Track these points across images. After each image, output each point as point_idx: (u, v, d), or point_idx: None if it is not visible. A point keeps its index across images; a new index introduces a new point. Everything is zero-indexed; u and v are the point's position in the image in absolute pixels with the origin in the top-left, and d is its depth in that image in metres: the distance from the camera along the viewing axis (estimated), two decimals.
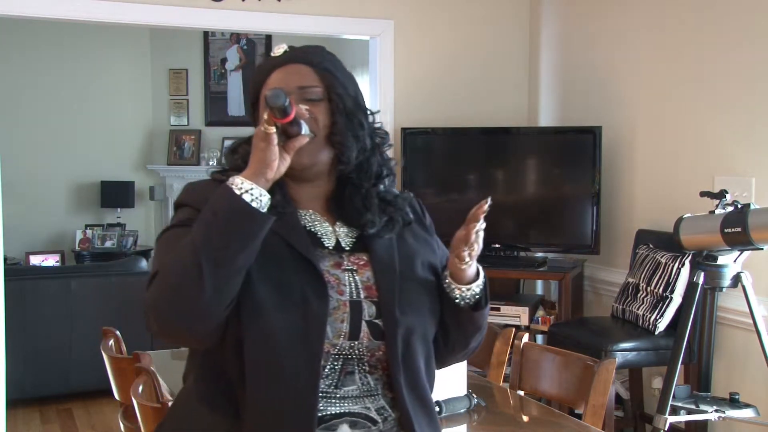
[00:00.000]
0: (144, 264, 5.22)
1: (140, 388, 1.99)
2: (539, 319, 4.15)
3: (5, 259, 4.49)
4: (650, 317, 3.53)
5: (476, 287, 1.49)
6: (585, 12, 4.45)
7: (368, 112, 1.52)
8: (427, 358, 1.49)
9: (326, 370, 1.39)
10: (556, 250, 4.34)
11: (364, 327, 1.41)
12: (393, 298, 1.43)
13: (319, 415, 1.37)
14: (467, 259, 1.44)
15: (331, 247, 1.47)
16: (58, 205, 7.88)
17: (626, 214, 4.15)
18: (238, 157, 1.46)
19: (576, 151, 4.23)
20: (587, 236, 4.13)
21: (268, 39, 7.90)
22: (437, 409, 2.11)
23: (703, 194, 2.97)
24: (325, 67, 1.48)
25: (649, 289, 3.60)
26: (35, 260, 7.04)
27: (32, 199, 7.52)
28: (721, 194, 2.87)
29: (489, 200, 1.42)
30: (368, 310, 1.42)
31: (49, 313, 4.75)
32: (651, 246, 3.73)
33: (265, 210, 1.33)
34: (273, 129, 1.31)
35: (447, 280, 1.49)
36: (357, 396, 1.41)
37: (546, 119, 4.73)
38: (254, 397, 1.34)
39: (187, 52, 8.03)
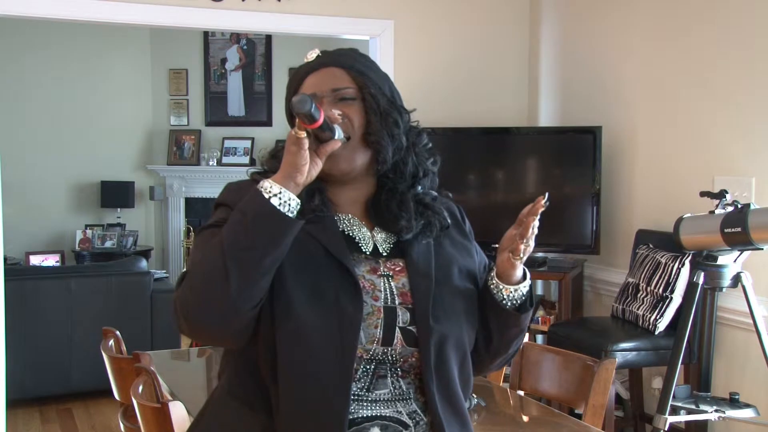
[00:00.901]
0: (144, 264, 5.22)
1: (140, 388, 1.99)
2: (539, 319, 4.15)
3: (5, 259, 4.49)
4: (650, 317, 3.53)
5: (523, 288, 1.48)
6: (585, 12, 4.45)
7: (404, 111, 1.52)
8: (462, 366, 1.47)
9: (358, 373, 1.38)
10: (556, 250, 4.34)
11: (397, 333, 1.40)
12: (427, 305, 1.42)
13: (351, 417, 1.37)
14: (522, 254, 1.44)
15: (368, 252, 1.47)
16: (58, 205, 7.88)
17: (626, 214, 4.15)
18: (278, 162, 1.44)
19: (576, 151, 4.23)
20: (587, 236, 4.13)
21: (268, 39, 7.90)
22: None
23: (703, 194, 2.97)
24: (358, 68, 1.48)
25: (649, 289, 3.60)
26: (35, 260, 7.04)
27: (32, 199, 7.53)
28: (721, 194, 2.87)
29: (547, 195, 1.41)
30: (402, 316, 1.41)
31: (49, 313, 4.75)
32: (651, 246, 3.73)
33: (294, 214, 1.32)
34: (304, 133, 1.30)
35: (494, 281, 1.49)
36: (389, 399, 1.40)
37: (546, 119, 4.73)
38: (286, 397, 1.35)
39: (187, 52, 8.04)
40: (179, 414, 1.79)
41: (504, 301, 1.48)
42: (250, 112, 8.07)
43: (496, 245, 1.49)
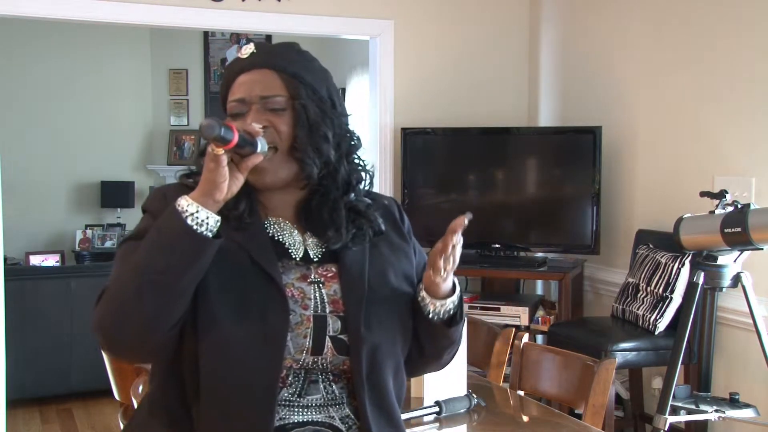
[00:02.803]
0: None
1: (140, 388, 1.99)
2: (539, 319, 4.15)
3: (5, 259, 4.48)
4: (650, 317, 3.53)
5: (451, 303, 1.43)
6: (585, 12, 4.45)
7: (337, 117, 1.45)
8: (396, 373, 1.45)
9: (289, 379, 1.36)
10: (556, 250, 4.34)
11: (328, 342, 1.37)
12: (359, 313, 1.38)
13: (282, 423, 1.34)
14: (442, 272, 1.38)
15: (298, 258, 1.42)
16: (58, 205, 7.88)
17: (626, 214, 4.15)
18: None
19: (576, 151, 4.23)
20: (587, 236, 4.13)
21: (268, 39, 7.90)
22: (437, 409, 2.12)
23: (703, 194, 2.97)
24: (292, 71, 1.41)
25: (649, 289, 3.60)
26: (35, 260, 7.03)
27: (32, 199, 7.52)
28: (721, 194, 2.87)
29: (469, 215, 1.34)
30: (333, 325, 1.38)
31: (49, 314, 4.75)
32: (651, 246, 3.73)
33: (213, 232, 1.27)
34: (221, 150, 1.24)
35: (421, 294, 1.44)
36: (321, 405, 1.38)
37: (546, 119, 4.73)
38: (209, 413, 1.31)
39: (187, 52, 8.04)
40: None
41: (431, 315, 1.43)
42: None
43: (496, 245, 1.48)
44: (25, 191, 7.26)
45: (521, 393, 2.49)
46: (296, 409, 1.36)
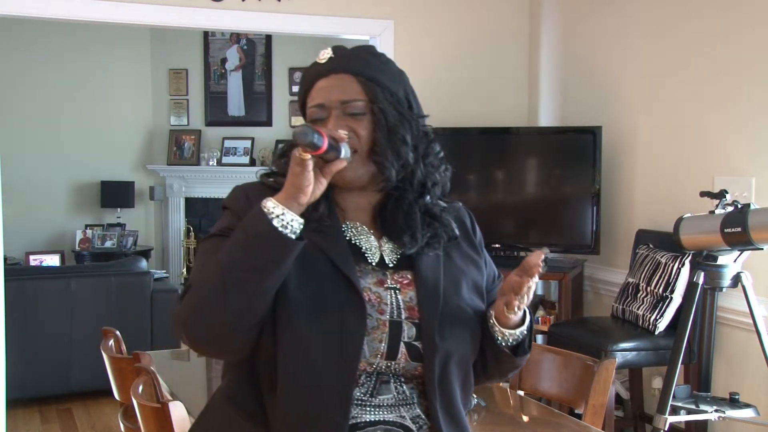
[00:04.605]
0: (144, 264, 5.22)
1: (140, 388, 1.99)
2: (539, 319, 4.15)
3: (5, 259, 4.49)
4: (650, 317, 3.53)
5: (519, 333, 1.45)
6: (585, 12, 4.45)
7: (414, 120, 1.47)
8: (464, 382, 1.47)
9: (361, 379, 1.38)
10: (556, 250, 4.33)
11: (402, 348, 1.38)
12: (434, 321, 1.40)
13: (354, 422, 1.36)
14: (517, 310, 1.41)
15: (374, 264, 1.44)
16: (58, 205, 7.88)
17: (626, 214, 4.15)
18: (286, 162, 1.41)
19: (576, 151, 4.23)
20: (587, 236, 4.13)
21: (268, 39, 7.90)
22: None
23: (703, 194, 2.97)
24: (370, 75, 1.43)
25: (649, 289, 3.59)
26: (35, 260, 7.04)
27: (32, 199, 7.53)
28: (721, 194, 2.87)
29: (546, 250, 1.35)
30: (408, 331, 1.39)
31: (49, 313, 4.75)
32: (651, 246, 3.73)
33: (296, 234, 1.29)
34: (308, 156, 1.27)
35: (491, 321, 1.45)
36: (392, 405, 1.40)
37: (546, 119, 4.73)
38: (284, 408, 1.34)
39: (187, 52, 8.04)
40: (179, 414, 1.79)
41: (499, 341, 1.45)
42: (250, 112, 8.07)
43: (496, 245, 1.49)
44: (25, 191, 7.26)
45: (521, 393, 2.49)
46: (368, 409, 1.38)
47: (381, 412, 1.38)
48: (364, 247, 1.44)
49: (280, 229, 1.28)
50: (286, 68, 7.83)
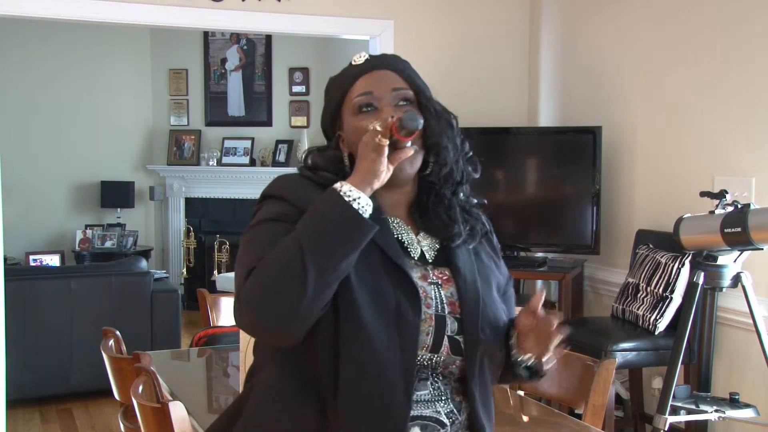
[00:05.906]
0: (144, 264, 5.22)
1: (140, 388, 1.99)
2: None
3: (5, 259, 4.49)
4: (650, 317, 3.53)
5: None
6: (585, 12, 4.45)
7: (452, 115, 1.53)
8: (494, 377, 1.52)
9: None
10: (556, 250, 4.34)
11: (445, 341, 1.42)
12: (476, 316, 1.45)
13: None
14: (547, 365, 1.47)
15: (416, 258, 1.48)
16: (58, 205, 7.88)
17: (626, 214, 4.15)
18: (326, 161, 1.47)
19: (576, 151, 4.23)
20: (587, 236, 4.13)
21: (268, 39, 7.89)
22: None
23: (703, 194, 2.97)
24: (408, 73, 1.50)
25: (649, 289, 3.59)
26: (35, 260, 7.04)
27: (32, 199, 7.52)
28: (721, 194, 2.87)
29: (543, 290, 1.44)
30: (451, 325, 1.43)
31: (49, 313, 4.75)
32: (651, 246, 3.73)
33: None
34: (387, 141, 1.32)
35: (512, 341, 1.50)
36: (428, 400, 1.43)
37: (546, 119, 4.73)
38: (348, 396, 1.35)
39: (187, 52, 8.03)
40: (179, 414, 1.79)
41: (516, 361, 1.50)
42: (250, 112, 8.06)
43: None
44: (25, 191, 7.26)
45: (521, 393, 2.49)
46: None
47: (418, 408, 1.41)
48: (406, 242, 1.48)
49: (360, 211, 1.32)
50: (286, 68, 7.82)
